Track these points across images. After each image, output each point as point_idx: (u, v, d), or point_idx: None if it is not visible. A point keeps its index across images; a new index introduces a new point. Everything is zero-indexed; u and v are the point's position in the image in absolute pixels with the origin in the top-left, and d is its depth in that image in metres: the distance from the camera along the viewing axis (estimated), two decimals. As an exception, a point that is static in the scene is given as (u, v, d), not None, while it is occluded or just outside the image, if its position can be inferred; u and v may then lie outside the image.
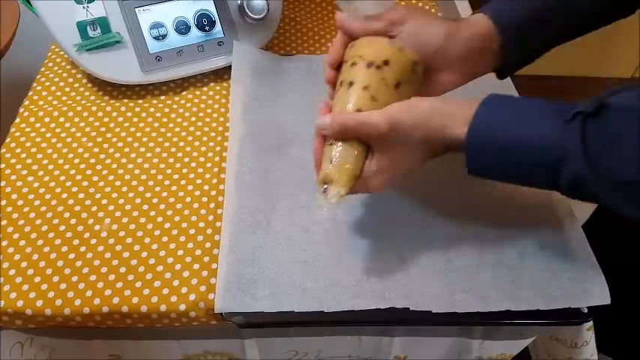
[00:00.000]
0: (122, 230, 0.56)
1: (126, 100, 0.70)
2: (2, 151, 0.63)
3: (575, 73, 1.74)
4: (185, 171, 0.62)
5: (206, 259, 0.54)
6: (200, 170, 0.62)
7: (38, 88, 0.70)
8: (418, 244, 0.56)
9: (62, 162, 0.62)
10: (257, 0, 0.70)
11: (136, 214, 0.58)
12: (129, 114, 0.68)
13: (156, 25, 0.69)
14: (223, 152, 0.64)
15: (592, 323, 0.55)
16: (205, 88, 0.72)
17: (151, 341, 0.57)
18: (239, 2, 0.71)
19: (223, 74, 0.73)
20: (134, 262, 0.54)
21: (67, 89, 0.71)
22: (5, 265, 0.53)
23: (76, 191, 0.59)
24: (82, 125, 0.66)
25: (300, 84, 0.72)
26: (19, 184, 0.60)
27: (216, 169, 0.62)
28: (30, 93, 0.70)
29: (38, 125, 0.66)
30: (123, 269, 0.53)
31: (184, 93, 0.71)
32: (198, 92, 0.71)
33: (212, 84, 0.72)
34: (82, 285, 0.52)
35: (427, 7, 0.86)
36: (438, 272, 0.53)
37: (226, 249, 0.54)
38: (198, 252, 0.55)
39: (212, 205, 0.59)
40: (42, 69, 0.73)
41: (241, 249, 0.54)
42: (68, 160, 0.62)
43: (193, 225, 0.57)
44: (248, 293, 0.51)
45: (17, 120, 0.67)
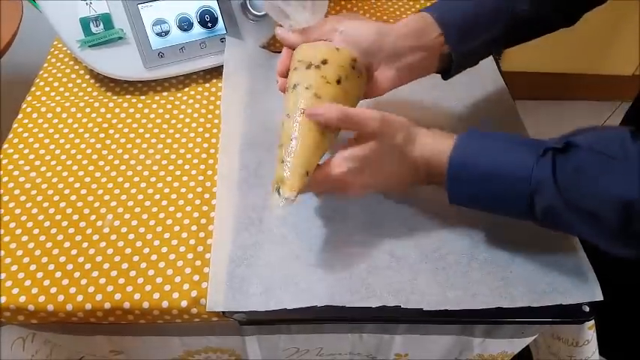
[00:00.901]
0: (124, 226, 0.56)
1: (128, 96, 0.70)
2: (4, 147, 0.63)
3: (576, 71, 1.74)
4: (187, 167, 0.62)
5: (207, 256, 0.54)
6: (202, 167, 0.62)
7: (41, 84, 0.70)
8: (410, 242, 0.56)
9: (64, 158, 0.62)
10: (259, -3, 0.70)
11: (138, 210, 0.58)
12: (131, 110, 0.68)
13: (158, 22, 0.68)
14: (225, 149, 0.64)
15: (594, 322, 0.55)
16: (207, 85, 0.72)
17: (153, 337, 0.57)
18: (241, -1, 0.71)
19: (226, 71, 0.73)
20: (136, 259, 0.54)
21: (70, 85, 0.71)
22: (7, 261, 0.53)
23: (79, 187, 0.60)
24: (85, 121, 0.66)
25: None
26: (22, 180, 0.60)
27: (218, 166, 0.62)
28: (32, 89, 0.70)
29: (41, 121, 0.66)
30: (125, 265, 0.53)
31: (186, 89, 0.71)
32: (200, 89, 0.71)
33: (214, 80, 0.72)
34: (84, 281, 0.52)
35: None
36: (430, 270, 0.54)
37: (218, 247, 0.54)
38: (200, 248, 0.55)
39: (213, 202, 0.59)
40: (44, 65, 0.73)
41: (233, 247, 0.54)
42: (70, 156, 0.62)
43: (195, 221, 0.57)
44: (240, 291, 0.51)
45: (20, 116, 0.67)
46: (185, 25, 0.69)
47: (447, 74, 0.58)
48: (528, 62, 1.58)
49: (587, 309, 0.52)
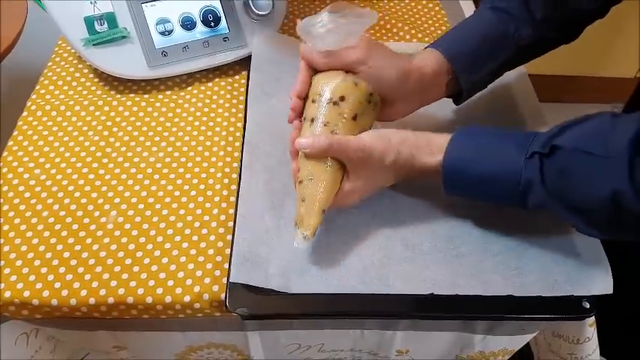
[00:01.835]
0: (128, 222, 0.57)
1: (132, 95, 0.70)
2: (10, 144, 0.64)
3: (577, 73, 1.74)
4: (190, 165, 0.63)
5: (210, 252, 0.55)
6: (205, 165, 0.63)
7: (45, 83, 0.71)
8: (424, 233, 0.56)
9: (69, 155, 0.63)
10: (262, -3, 0.71)
11: (142, 207, 0.58)
12: (135, 108, 0.68)
13: (162, 21, 0.69)
14: (228, 147, 0.65)
15: (594, 319, 0.55)
16: (210, 84, 0.72)
17: (156, 332, 0.58)
18: (245, -2, 0.71)
19: (228, 70, 0.74)
20: (140, 254, 0.54)
21: (74, 84, 0.71)
22: (12, 256, 0.53)
23: (83, 184, 0.60)
24: (89, 119, 0.67)
25: None
26: (27, 177, 0.60)
27: (220, 164, 0.63)
28: (37, 87, 0.71)
29: (45, 119, 0.66)
30: (128, 261, 0.54)
31: (190, 88, 0.72)
32: (203, 87, 0.72)
33: (217, 79, 0.73)
34: (88, 276, 0.52)
35: (431, 6, 0.87)
36: (443, 259, 0.54)
37: (242, 227, 0.55)
38: (202, 244, 0.55)
39: (216, 199, 0.59)
40: (49, 63, 0.74)
41: (255, 229, 0.55)
42: (75, 154, 0.63)
43: (198, 218, 0.57)
44: (262, 268, 0.52)
45: (25, 114, 0.67)
46: (188, 25, 0.70)
47: (458, 99, 0.61)
48: (529, 65, 1.58)
49: (587, 305, 0.51)
